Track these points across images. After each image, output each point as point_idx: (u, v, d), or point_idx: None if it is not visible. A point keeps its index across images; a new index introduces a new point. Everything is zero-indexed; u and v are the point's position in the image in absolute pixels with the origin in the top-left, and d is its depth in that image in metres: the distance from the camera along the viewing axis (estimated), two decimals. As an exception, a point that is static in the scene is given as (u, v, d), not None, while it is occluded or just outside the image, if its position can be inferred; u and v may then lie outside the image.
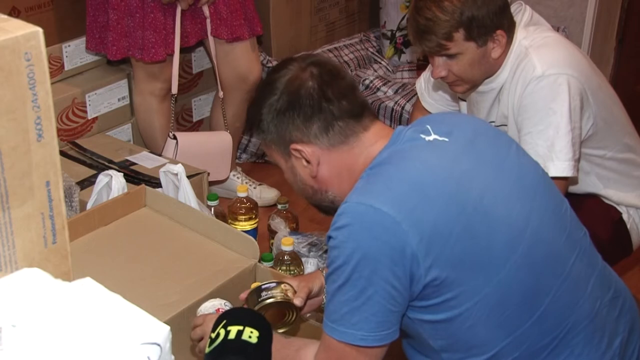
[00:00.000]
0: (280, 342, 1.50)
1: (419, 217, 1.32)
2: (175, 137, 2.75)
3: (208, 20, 2.73)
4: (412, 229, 1.31)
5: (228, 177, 3.00)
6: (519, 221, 1.40)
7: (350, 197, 1.37)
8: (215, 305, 1.70)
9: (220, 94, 2.89)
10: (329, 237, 1.37)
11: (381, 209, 1.31)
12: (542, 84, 1.95)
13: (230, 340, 1.38)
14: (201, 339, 1.61)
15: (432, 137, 1.43)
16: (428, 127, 1.45)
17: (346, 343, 1.37)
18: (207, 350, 1.39)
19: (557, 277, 1.42)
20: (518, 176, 1.46)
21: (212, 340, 1.40)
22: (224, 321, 1.43)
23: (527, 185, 1.46)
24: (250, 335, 1.40)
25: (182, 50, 2.80)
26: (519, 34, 2.03)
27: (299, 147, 1.46)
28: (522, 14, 2.09)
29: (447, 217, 1.33)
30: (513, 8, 2.09)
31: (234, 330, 1.40)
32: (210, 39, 2.77)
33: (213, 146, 2.86)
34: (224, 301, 1.72)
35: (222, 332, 1.40)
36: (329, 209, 1.53)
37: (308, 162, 1.47)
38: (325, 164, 1.47)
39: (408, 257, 1.31)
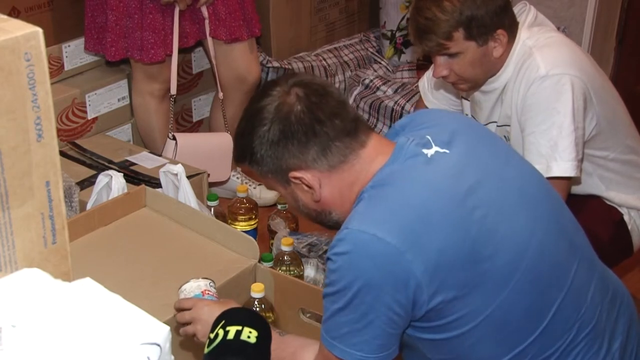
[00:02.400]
0: (275, 342, 1.48)
1: (424, 246, 1.30)
2: (174, 138, 2.75)
3: (206, 21, 2.73)
4: (417, 259, 1.29)
5: (229, 178, 3.00)
6: (522, 236, 1.38)
7: (352, 222, 1.33)
8: (200, 287, 1.63)
9: (220, 94, 2.89)
10: (328, 259, 1.35)
11: (385, 239, 1.29)
12: (545, 84, 1.95)
13: (230, 340, 1.38)
14: (188, 323, 1.57)
15: (433, 149, 1.39)
16: (428, 138, 1.41)
17: None
18: (206, 350, 1.39)
19: (561, 289, 1.41)
20: (520, 185, 1.44)
21: (211, 341, 1.40)
22: (223, 321, 1.43)
23: (529, 195, 1.44)
24: (249, 335, 1.39)
25: (181, 51, 2.80)
26: (523, 34, 2.03)
27: (298, 174, 1.41)
28: (526, 14, 2.09)
29: (452, 244, 1.31)
30: (517, 8, 2.09)
31: (232, 330, 1.40)
32: (209, 39, 2.77)
33: (213, 147, 2.85)
34: (209, 281, 1.65)
35: (221, 332, 1.40)
36: (333, 227, 1.50)
37: (309, 187, 1.43)
38: (326, 186, 1.42)
39: (412, 286, 1.30)
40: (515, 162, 1.50)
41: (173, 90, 2.79)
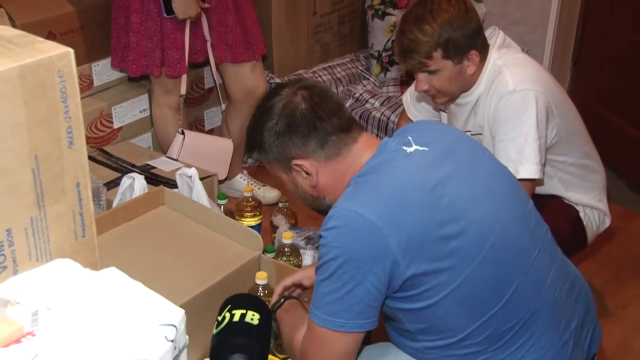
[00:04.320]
0: (298, 313, 1.56)
1: (398, 223, 1.31)
2: (183, 133, 2.74)
3: (209, 43, 2.72)
4: (392, 233, 1.30)
5: (227, 178, 2.98)
6: (486, 221, 1.39)
7: (339, 202, 1.37)
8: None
9: (222, 107, 2.89)
10: (320, 236, 1.37)
11: (364, 215, 1.31)
12: (513, 98, 1.96)
13: (235, 322, 1.38)
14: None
15: (413, 148, 1.42)
16: (410, 138, 1.44)
17: (326, 328, 1.37)
18: (215, 331, 1.39)
19: (521, 270, 1.42)
20: (488, 181, 1.45)
21: (219, 323, 1.40)
22: (229, 306, 1.43)
23: (496, 189, 1.45)
24: (253, 317, 1.39)
25: (193, 66, 2.78)
26: (493, 55, 2.04)
27: (299, 162, 1.45)
28: (496, 38, 2.10)
29: (422, 223, 1.33)
30: (488, 32, 2.10)
31: (237, 313, 1.39)
32: (212, 61, 2.76)
33: (215, 149, 2.85)
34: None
35: (228, 315, 1.40)
36: (326, 212, 1.53)
37: (308, 173, 1.46)
38: (322, 174, 1.46)
39: (388, 257, 1.31)
40: (489, 162, 1.51)
41: (183, 91, 2.78)
